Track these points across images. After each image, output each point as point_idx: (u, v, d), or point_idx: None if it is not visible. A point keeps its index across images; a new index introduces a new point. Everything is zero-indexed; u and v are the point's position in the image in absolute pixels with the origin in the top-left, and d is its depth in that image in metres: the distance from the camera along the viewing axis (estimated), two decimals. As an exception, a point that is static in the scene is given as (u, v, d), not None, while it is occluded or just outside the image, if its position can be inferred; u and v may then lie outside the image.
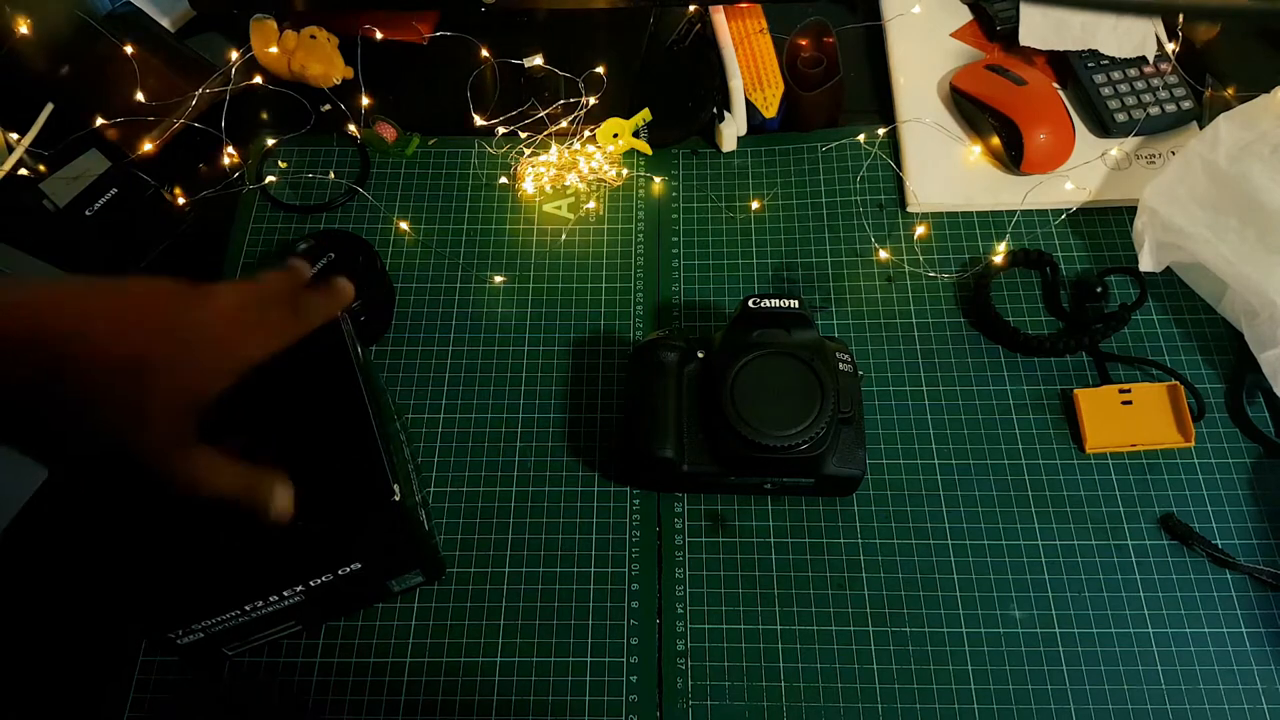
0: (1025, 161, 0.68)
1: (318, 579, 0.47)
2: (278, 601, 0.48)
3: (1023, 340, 0.61)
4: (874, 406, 0.60)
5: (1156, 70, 0.72)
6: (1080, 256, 0.66)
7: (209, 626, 0.47)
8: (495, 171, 0.71)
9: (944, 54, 0.76)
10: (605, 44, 0.76)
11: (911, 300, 0.65)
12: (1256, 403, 0.59)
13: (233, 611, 0.47)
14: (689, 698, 0.52)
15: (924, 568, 0.55)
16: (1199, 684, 0.51)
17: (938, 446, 0.59)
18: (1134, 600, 0.54)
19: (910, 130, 0.72)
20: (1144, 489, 0.57)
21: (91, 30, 0.71)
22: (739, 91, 0.70)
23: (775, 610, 0.54)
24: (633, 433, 0.55)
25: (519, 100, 0.73)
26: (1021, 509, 0.57)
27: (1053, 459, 0.58)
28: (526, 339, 0.64)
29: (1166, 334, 0.62)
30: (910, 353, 0.63)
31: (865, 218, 0.68)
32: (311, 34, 0.73)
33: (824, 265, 0.67)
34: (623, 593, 0.55)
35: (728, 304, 0.65)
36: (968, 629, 0.53)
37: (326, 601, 0.50)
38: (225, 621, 0.47)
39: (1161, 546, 0.55)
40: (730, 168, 0.71)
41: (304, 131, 0.73)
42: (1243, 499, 0.56)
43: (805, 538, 0.56)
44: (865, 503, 0.57)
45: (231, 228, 0.69)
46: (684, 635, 0.54)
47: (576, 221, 0.69)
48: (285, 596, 0.47)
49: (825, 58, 0.73)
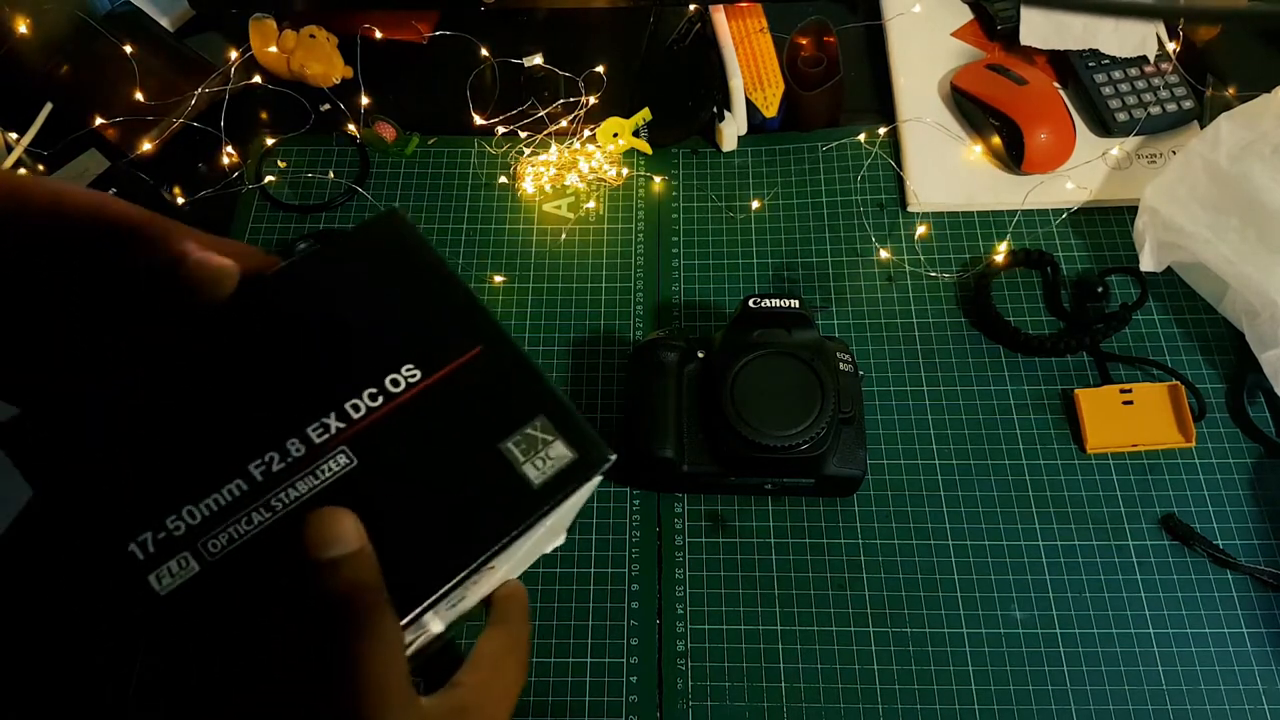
0: (1026, 161, 0.67)
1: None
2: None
3: (1023, 340, 0.61)
4: (874, 406, 0.60)
5: (1157, 70, 0.72)
6: (1081, 256, 0.66)
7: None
8: (495, 171, 0.71)
9: (944, 53, 0.76)
10: (605, 44, 0.76)
11: (912, 300, 0.65)
12: (1257, 403, 0.59)
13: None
14: (689, 698, 0.52)
15: (924, 568, 0.55)
16: (1199, 684, 0.51)
17: (938, 446, 0.59)
18: (1134, 600, 0.54)
19: (911, 130, 0.72)
20: (1145, 489, 0.57)
21: (91, 30, 0.71)
22: (739, 91, 0.70)
23: (775, 610, 0.54)
24: (633, 433, 0.55)
25: (519, 100, 0.73)
26: (1022, 509, 0.57)
27: (1053, 459, 0.58)
28: (526, 339, 0.64)
29: (1167, 334, 0.62)
30: (911, 353, 0.63)
31: (865, 218, 0.68)
32: (311, 33, 0.73)
33: (824, 265, 0.67)
34: (623, 593, 0.55)
35: (728, 304, 0.65)
36: (968, 629, 0.53)
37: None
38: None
39: (1162, 547, 0.55)
40: (730, 167, 0.71)
41: (303, 131, 0.73)
42: (1243, 499, 0.56)
43: (805, 538, 0.56)
44: (865, 503, 0.57)
45: (230, 228, 0.69)
46: (684, 635, 0.54)
47: (576, 221, 0.69)
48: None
49: (825, 57, 0.73)
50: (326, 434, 0.28)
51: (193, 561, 0.26)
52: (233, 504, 0.27)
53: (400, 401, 0.29)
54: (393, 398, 0.29)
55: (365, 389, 0.29)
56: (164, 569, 0.26)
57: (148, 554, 0.26)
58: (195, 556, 0.26)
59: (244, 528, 0.27)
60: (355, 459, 0.28)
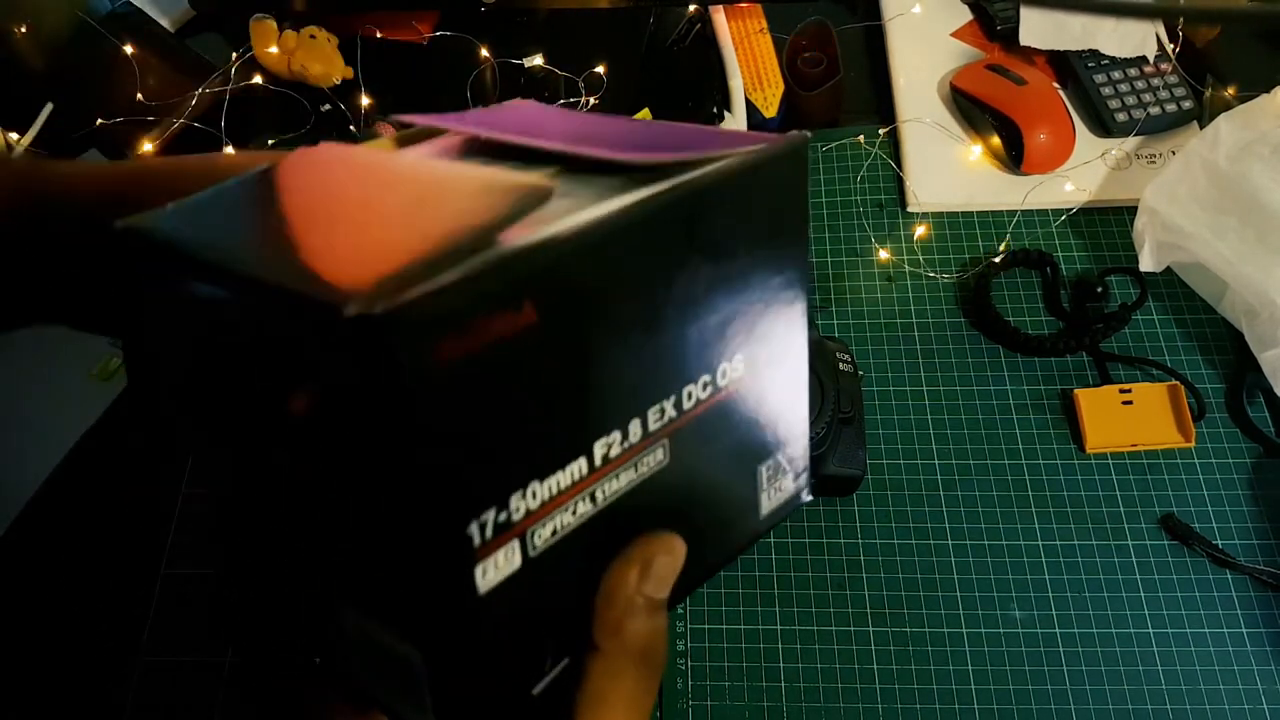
0: (1025, 161, 0.67)
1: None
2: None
3: (1023, 340, 0.61)
4: (874, 406, 0.60)
5: (1157, 70, 0.72)
6: (1080, 256, 0.66)
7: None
8: (495, 171, 0.71)
9: (944, 54, 0.76)
10: (605, 44, 0.76)
11: (911, 300, 0.65)
12: (1257, 403, 0.59)
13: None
14: (689, 698, 0.52)
15: (924, 568, 0.55)
16: (1199, 684, 0.51)
17: (938, 446, 0.59)
18: (1134, 600, 0.54)
19: (910, 130, 0.72)
20: (1144, 489, 0.57)
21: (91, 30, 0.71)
22: (739, 91, 0.70)
23: (775, 610, 0.54)
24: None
25: (519, 100, 0.73)
26: (1021, 509, 0.57)
27: (1053, 459, 0.58)
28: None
29: (1167, 334, 0.62)
30: (910, 353, 0.63)
31: (865, 218, 0.68)
32: (311, 34, 0.73)
33: (824, 265, 0.67)
34: (623, 593, 0.55)
35: (728, 304, 0.65)
36: (968, 629, 0.53)
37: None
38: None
39: (1162, 546, 0.55)
40: (730, 168, 0.71)
41: (304, 131, 0.73)
42: (1243, 499, 0.56)
43: (805, 538, 0.56)
44: (865, 503, 0.57)
45: (231, 228, 0.69)
46: (684, 635, 0.54)
47: (576, 221, 0.69)
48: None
49: (825, 58, 0.73)
50: (661, 421, 0.23)
51: (517, 554, 0.21)
52: (570, 487, 0.22)
53: (720, 397, 0.25)
54: (717, 390, 0.25)
55: (702, 374, 0.24)
56: (491, 560, 0.20)
57: (484, 539, 0.20)
58: (521, 548, 0.21)
59: (569, 518, 0.22)
60: (668, 456, 0.24)
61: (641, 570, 0.23)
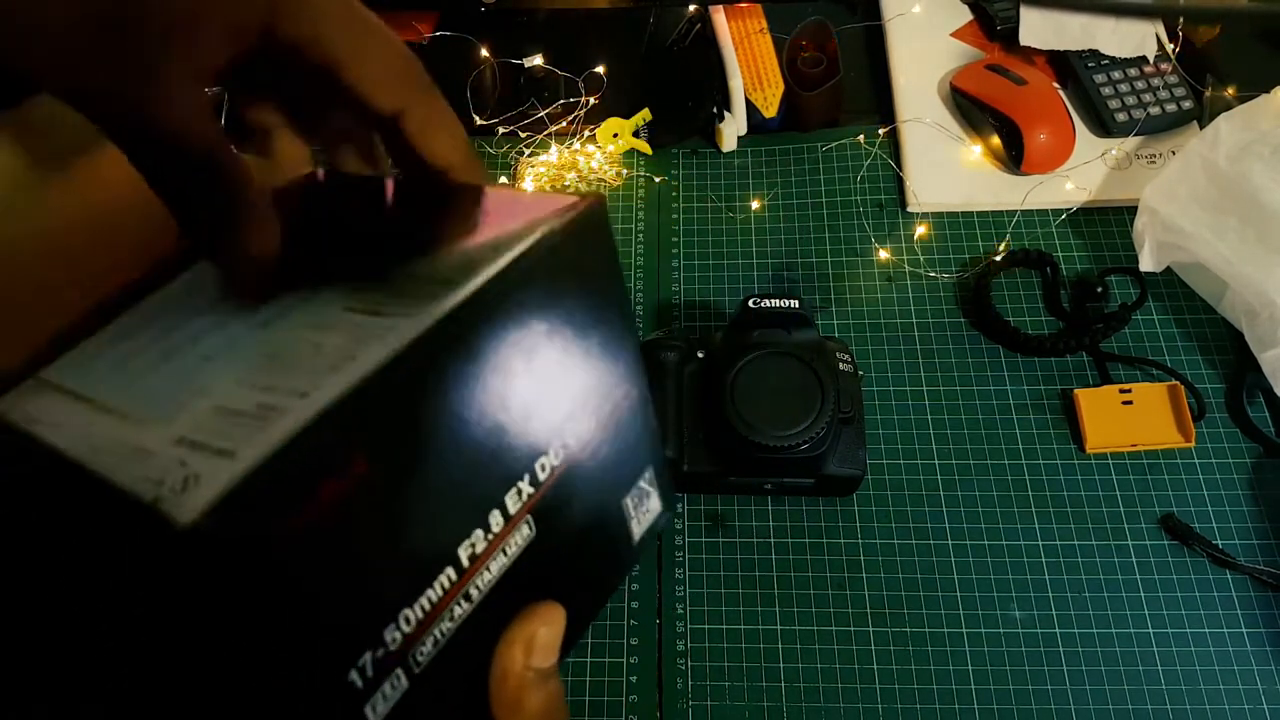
0: (1025, 161, 0.67)
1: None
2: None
3: (1023, 340, 0.61)
4: (874, 406, 0.60)
5: (1157, 70, 0.72)
6: (1080, 256, 0.66)
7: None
8: (495, 171, 0.71)
9: (944, 54, 0.76)
10: (605, 44, 0.76)
11: (911, 300, 0.65)
12: (1257, 403, 0.59)
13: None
14: (689, 698, 0.52)
15: (924, 568, 0.55)
16: (1199, 684, 0.51)
17: (938, 446, 0.59)
18: (1134, 600, 0.54)
19: (910, 130, 0.72)
20: (1144, 489, 0.57)
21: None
22: (739, 91, 0.70)
23: (775, 610, 0.54)
24: (633, 433, 0.55)
25: (519, 100, 0.73)
26: (1021, 509, 0.57)
27: (1053, 459, 0.58)
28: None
29: (1167, 334, 0.62)
30: (910, 353, 0.63)
31: (865, 218, 0.68)
32: (311, 34, 0.73)
33: (824, 265, 0.67)
34: (623, 593, 0.55)
35: (728, 304, 0.65)
36: (968, 629, 0.53)
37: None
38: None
39: (1162, 546, 0.55)
40: (730, 168, 0.71)
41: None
42: (1243, 499, 0.56)
43: (805, 538, 0.56)
44: (865, 503, 0.57)
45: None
46: (684, 635, 0.54)
47: (576, 221, 0.69)
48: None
49: (825, 58, 0.73)
50: (520, 501, 0.23)
51: (403, 678, 0.21)
52: (442, 598, 0.22)
53: (573, 456, 0.24)
54: (570, 451, 0.24)
55: (551, 443, 0.24)
56: (379, 695, 0.20)
57: (366, 680, 0.20)
58: (406, 671, 0.21)
59: (447, 624, 0.22)
60: (534, 529, 0.24)
61: (525, 648, 0.23)
